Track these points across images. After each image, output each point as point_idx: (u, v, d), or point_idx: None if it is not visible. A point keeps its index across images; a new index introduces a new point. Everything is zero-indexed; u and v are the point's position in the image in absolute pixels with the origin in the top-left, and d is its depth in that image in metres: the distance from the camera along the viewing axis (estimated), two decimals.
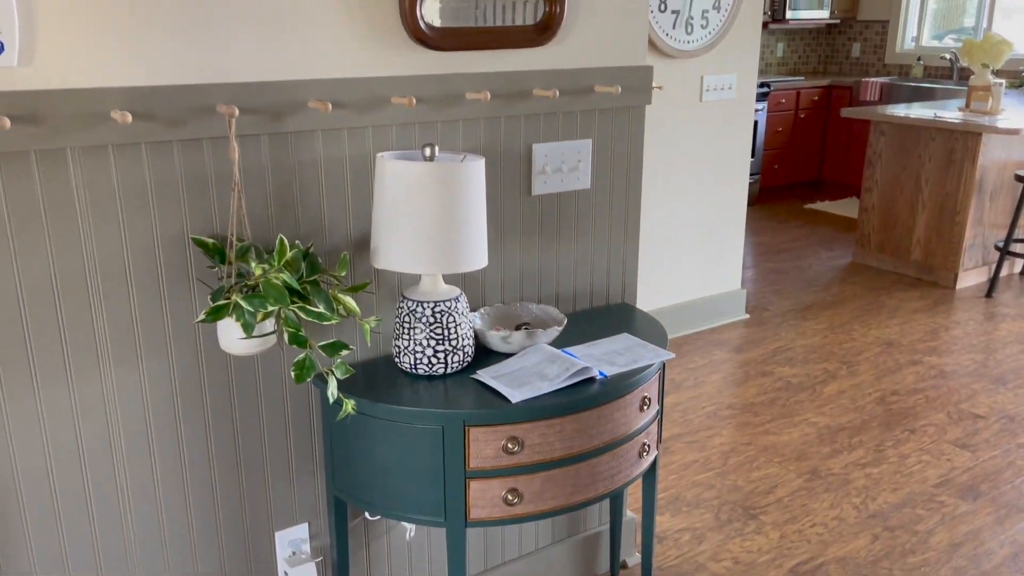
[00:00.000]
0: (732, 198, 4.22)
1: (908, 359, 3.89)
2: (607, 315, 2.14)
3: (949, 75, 7.02)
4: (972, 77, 4.86)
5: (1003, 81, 4.85)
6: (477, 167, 1.64)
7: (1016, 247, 5.02)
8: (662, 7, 3.63)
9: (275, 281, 1.50)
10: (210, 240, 1.57)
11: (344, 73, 1.67)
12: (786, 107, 7.06)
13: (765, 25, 7.17)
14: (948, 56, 6.93)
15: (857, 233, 5.37)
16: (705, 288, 4.27)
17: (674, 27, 3.70)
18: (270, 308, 1.50)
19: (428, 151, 1.67)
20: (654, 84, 3.72)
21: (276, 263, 1.51)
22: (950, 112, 4.98)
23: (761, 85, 6.76)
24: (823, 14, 7.29)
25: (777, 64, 7.79)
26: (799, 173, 7.37)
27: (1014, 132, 4.37)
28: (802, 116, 7.17)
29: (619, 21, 2.02)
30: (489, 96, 1.79)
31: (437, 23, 1.76)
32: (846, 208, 6.76)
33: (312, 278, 1.59)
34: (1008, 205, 4.95)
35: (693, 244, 4.14)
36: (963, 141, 4.70)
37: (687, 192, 4.03)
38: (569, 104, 1.98)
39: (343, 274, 1.65)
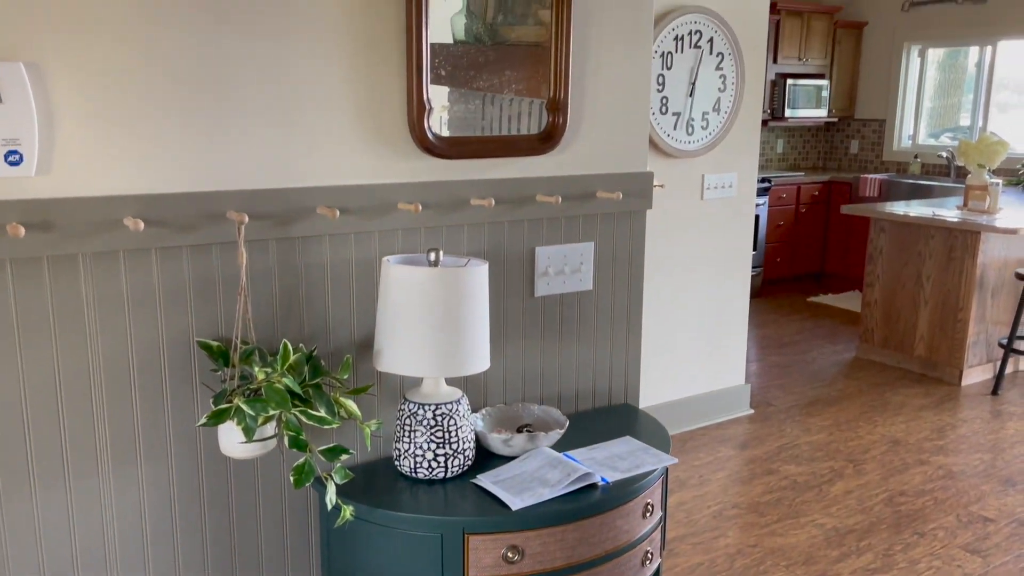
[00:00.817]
0: (735, 293, 4.24)
1: (915, 458, 3.84)
2: (610, 416, 2.13)
3: (947, 172, 7.15)
4: (969, 176, 4.95)
5: (999, 181, 4.94)
6: (480, 272, 1.67)
7: (1020, 344, 5.01)
8: (663, 109, 3.74)
9: (277, 385, 1.51)
10: (215, 343, 1.58)
11: (352, 180, 1.72)
12: (787, 202, 7.17)
13: (765, 123, 7.36)
14: (945, 154, 7.07)
15: (860, 328, 5.38)
16: (710, 383, 4.25)
17: (675, 128, 3.80)
18: (271, 412, 1.50)
19: (432, 256, 1.70)
20: (657, 183, 3.80)
21: (279, 367, 1.52)
22: (948, 210, 5.05)
23: (762, 180, 6.88)
24: (821, 112, 7.48)
25: (778, 160, 7.95)
26: (801, 266, 7.43)
27: (1012, 231, 4.43)
28: (803, 210, 7.28)
29: (620, 130, 2.08)
30: (493, 202, 1.83)
31: (444, 132, 1.82)
32: (849, 301, 6.78)
33: (315, 381, 1.60)
34: (1010, 302, 4.97)
35: (697, 339, 4.14)
36: (962, 239, 4.75)
37: (690, 287, 4.06)
38: (572, 209, 2.03)
39: (345, 377, 1.66)
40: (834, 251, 7.46)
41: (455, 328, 1.63)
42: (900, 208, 5.15)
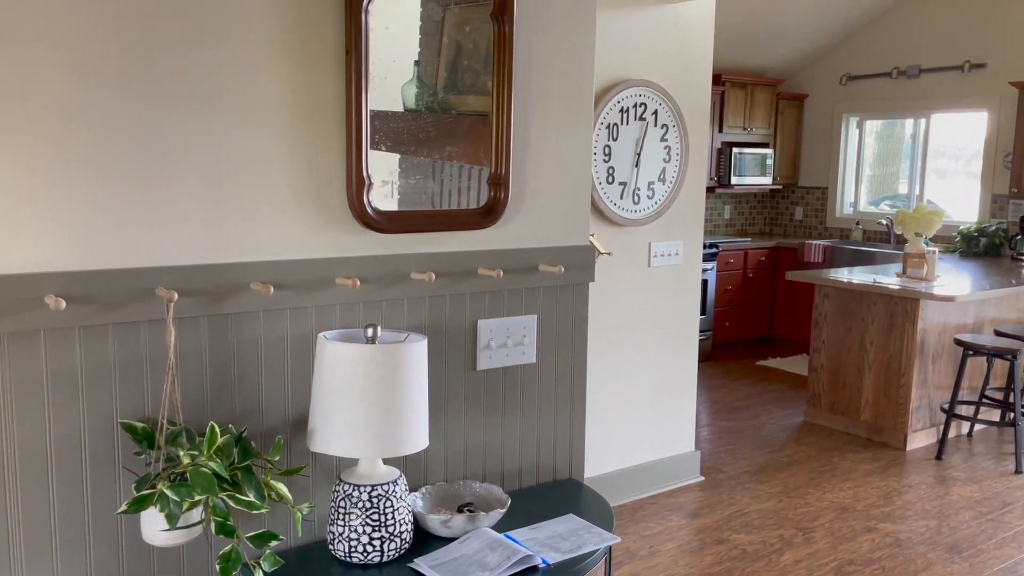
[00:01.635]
0: (683, 359, 4.27)
1: (863, 525, 3.84)
2: (553, 493, 2.09)
3: (887, 239, 7.36)
4: (907, 245, 5.10)
5: (936, 249, 5.09)
6: (418, 348, 1.64)
7: (961, 409, 5.10)
8: (610, 179, 3.80)
9: (203, 469, 1.45)
10: (140, 424, 1.52)
11: (289, 255, 1.69)
12: (735, 267, 7.30)
13: (712, 189, 7.53)
14: (884, 221, 7.29)
15: (808, 392, 5.44)
16: (660, 450, 4.23)
17: (621, 197, 3.86)
18: (197, 497, 1.44)
19: (370, 332, 1.67)
20: (604, 251, 3.83)
21: (206, 450, 1.46)
22: (889, 277, 5.18)
23: (710, 246, 7.01)
24: (766, 180, 7.69)
25: (725, 226, 8.12)
26: (751, 330, 7.53)
27: (949, 299, 4.55)
28: (751, 275, 7.41)
29: (562, 204, 2.10)
30: (434, 276, 1.82)
31: (389, 205, 1.81)
32: (797, 365, 6.87)
33: (244, 463, 1.54)
34: (950, 367, 5.07)
35: (647, 405, 4.14)
36: (902, 306, 4.87)
37: (638, 354, 4.07)
38: (514, 282, 2.02)
39: (277, 458, 1.60)
40: (781, 315, 7.58)
41: (392, 406, 1.60)
42: (843, 275, 5.27)
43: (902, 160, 7.57)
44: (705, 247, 6.94)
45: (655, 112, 3.91)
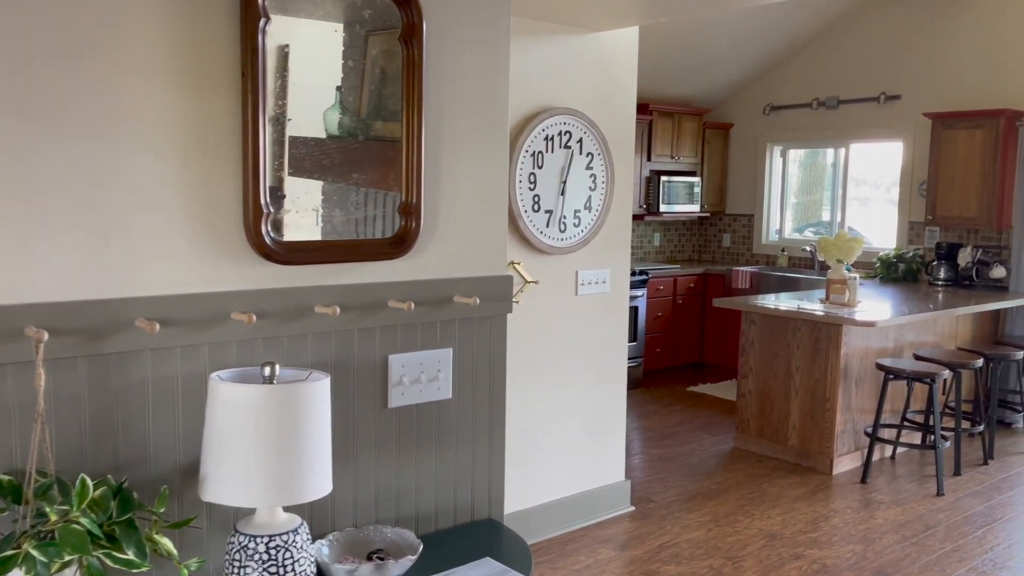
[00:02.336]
0: (612, 387, 4.23)
1: (791, 552, 3.84)
2: (470, 535, 2.00)
3: (811, 265, 7.51)
4: (829, 271, 5.18)
5: (857, 275, 5.19)
6: (320, 386, 1.54)
7: (884, 432, 5.19)
8: (536, 207, 3.76)
9: (74, 526, 1.32)
10: (5, 477, 1.38)
11: (180, 289, 1.58)
12: (664, 293, 7.34)
13: (641, 217, 7.59)
14: (808, 248, 7.45)
15: (737, 418, 5.46)
16: (589, 480, 4.17)
17: (548, 225, 3.82)
18: (67, 557, 1.31)
19: (267, 371, 1.56)
20: (531, 279, 3.79)
21: (76, 505, 1.33)
22: (813, 303, 5.26)
23: (640, 273, 7.04)
24: (694, 207, 7.79)
25: (655, 253, 8.18)
26: (681, 356, 7.58)
27: (870, 324, 4.63)
28: (680, 302, 7.47)
29: (477, 233, 2.03)
30: (339, 310, 1.72)
31: (293, 236, 1.71)
32: (726, 391, 6.92)
33: (125, 517, 1.41)
34: (873, 390, 5.16)
35: (575, 436, 4.08)
36: (826, 331, 4.94)
37: (566, 384, 4.02)
38: (427, 314, 1.94)
39: (162, 510, 1.48)
40: (711, 341, 7.65)
41: (290, 451, 1.49)
42: (768, 301, 5.33)
43: (825, 188, 7.76)
44: (635, 274, 6.97)
45: (580, 140, 3.89)
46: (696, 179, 7.78)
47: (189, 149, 1.57)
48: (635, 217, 7.63)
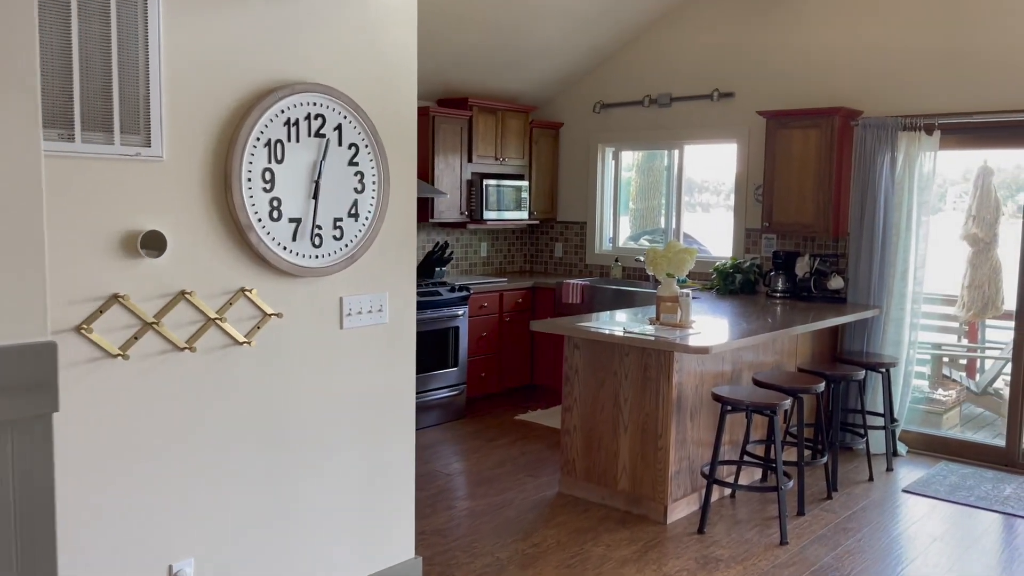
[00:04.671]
0: (396, 443, 3.35)
1: None
2: None
3: (647, 276, 6.93)
4: (659, 287, 4.53)
5: (689, 291, 4.57)
6: None
7: (723, 470, 4.58)
8: (275, 215, 2.82)
9: None
10: None
11: None
12: (489, 310, 6.55)
13: (463, 225, 6.77)
14: (642, 258, 6.86)
15: (561, 458, 4.72)
16: (370, 564, 3.27)
17: (295, 239, 2.90)
18: None
19: None
20: (271, 312, 2.84)
21: None
22: (641, 324, 4.59)
23: (460, 288, 6.22)
24: (522, 215, 7.05)
25: (482, 264, 7.40)
26: (510, 379, 6.81)
27: (703, 351, 3.98)
28: (507, 319, 6.70)
29: None
30: None
31: None
32: (557, 418, 6.19)
33: None
34: (711, 421, 4.54)
35: (350, 511, 3.17)
36: (656, 358, 4.27)
37: (334, 444, 3.10)
38: None
39: None
40: (542, 362, 6.93)
41: None
42: (592, 323, 4.61)
43: (663, 194, 7.22)
44: (454, 290, 6.14)
45: (339, 127, 2.99)
46: (524, 183, 7.05)
47: None
48: (456, 225, 6.80)
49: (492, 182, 6.75)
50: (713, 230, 6.95)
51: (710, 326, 4.56)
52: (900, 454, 5.55)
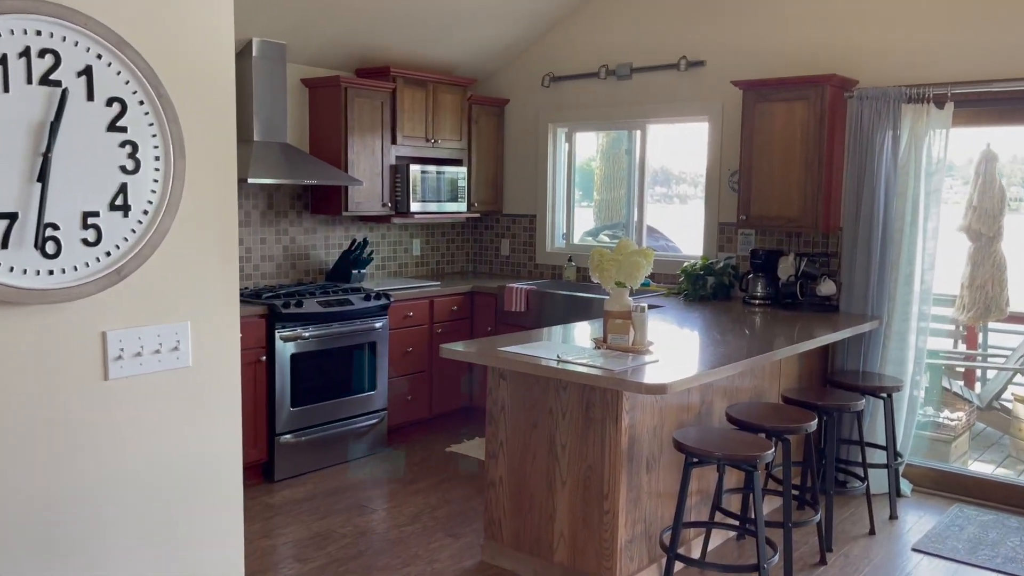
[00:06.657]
0: (221, 528, 2.31)
1: None
2: None
3: None
4: (608, 300, 3.51)
5: (645, 304, 3.55)
6: None
7: (689, 533, 3.59)
8: None
9: None
10: None
11: None
12: (417, 321, 5.51)
13: (387, 220, 5.72)
14: None
15: (485, 518, 3.70)
16: None
17: (3, 246, 1.84)
18: None
19: None
20: None
21: None
22: (584, 347, 3.58)
23: (379, 295, 5.17)
24: (459, 207, 6.01)
25: (415, 265, 6.34)
26: (444, 402, 5.77)
27: (660, 390, 2.97)
28: (440, 331, 5.66)
29: None
30: None
31: None
32: None
33: None
34: (674, 470, 3.54)
35: None
36: (601, 395, 3.26)
37: (123, 545, 2.06)
38: None
39: None
40: (482, 381, 5.89)
41: None
42: (520, 347, 3.58)
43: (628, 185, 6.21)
44: (370, 298, 5.10)
45: (87, 72, 1.94)
46: (462, 169, 6.01)
47: None
48: (381, 219, 5.75)
49: (421, 168, 5.70)
50: (684, 222, 5.95)
51: (672, 349, 3.55)
52: (904, 494, 4.59)
